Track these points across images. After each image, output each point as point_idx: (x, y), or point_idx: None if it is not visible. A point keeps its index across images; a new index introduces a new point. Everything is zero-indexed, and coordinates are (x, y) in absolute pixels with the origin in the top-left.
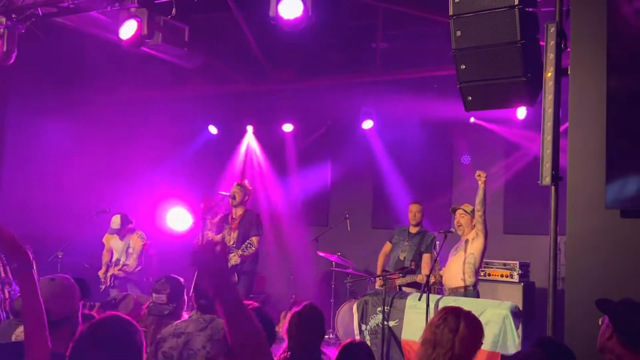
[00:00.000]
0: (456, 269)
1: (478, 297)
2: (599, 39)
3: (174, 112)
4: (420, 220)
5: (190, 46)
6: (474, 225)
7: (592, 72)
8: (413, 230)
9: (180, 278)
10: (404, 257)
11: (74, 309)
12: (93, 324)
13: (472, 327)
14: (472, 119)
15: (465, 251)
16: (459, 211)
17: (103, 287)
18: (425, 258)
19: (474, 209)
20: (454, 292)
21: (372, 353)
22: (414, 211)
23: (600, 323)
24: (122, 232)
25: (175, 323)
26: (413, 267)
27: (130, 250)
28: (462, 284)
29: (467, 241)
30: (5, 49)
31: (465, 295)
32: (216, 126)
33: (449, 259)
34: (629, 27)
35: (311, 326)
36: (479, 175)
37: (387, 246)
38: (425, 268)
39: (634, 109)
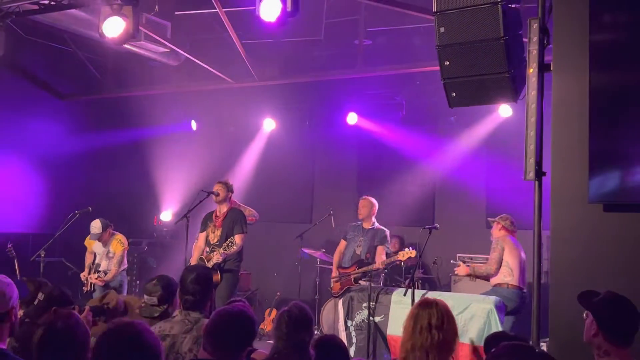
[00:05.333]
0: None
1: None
2: (581, 35)
3: (158, 109)
4: (365, 214)
5: (173, 43)
6: (502, 230)
7: (575, 67)
8: (366, 226)
9: (171, 277)
10: (360, 251)
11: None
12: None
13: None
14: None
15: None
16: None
17: (85, 289)
18: (379, 250)
19: (505, 217)
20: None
21: (345, 347)
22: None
23: (584, 317)
24: (103, 238)
25: (158, 324)
26: (368, 258)
27: (111, 255)
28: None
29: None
30: None
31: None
32: (198, 123)
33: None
34: (610, 23)
35: (301, 326)
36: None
37: (342, 244)
38: (379, 258)
39: (616, 104)
